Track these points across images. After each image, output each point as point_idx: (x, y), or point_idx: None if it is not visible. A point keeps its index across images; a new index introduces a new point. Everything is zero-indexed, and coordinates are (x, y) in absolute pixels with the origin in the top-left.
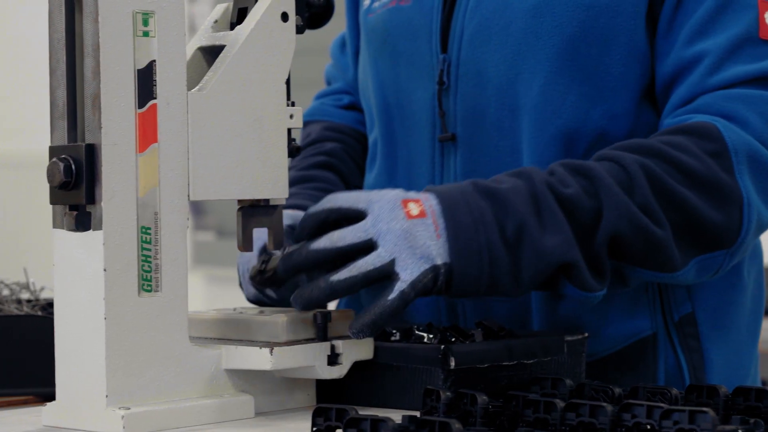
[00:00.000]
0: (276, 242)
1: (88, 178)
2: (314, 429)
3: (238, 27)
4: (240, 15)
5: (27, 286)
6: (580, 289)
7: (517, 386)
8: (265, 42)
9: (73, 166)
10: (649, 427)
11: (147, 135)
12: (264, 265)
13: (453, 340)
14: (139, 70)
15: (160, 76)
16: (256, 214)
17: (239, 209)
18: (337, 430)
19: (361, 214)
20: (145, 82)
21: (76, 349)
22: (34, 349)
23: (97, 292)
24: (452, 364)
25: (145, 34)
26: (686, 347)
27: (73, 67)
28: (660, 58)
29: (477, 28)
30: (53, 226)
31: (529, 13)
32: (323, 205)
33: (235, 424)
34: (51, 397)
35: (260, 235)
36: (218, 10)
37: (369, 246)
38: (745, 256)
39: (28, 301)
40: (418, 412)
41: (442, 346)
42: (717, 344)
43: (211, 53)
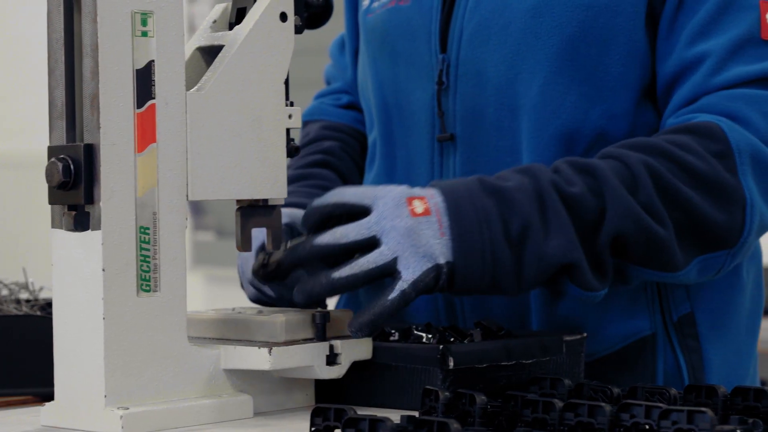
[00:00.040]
0: (275, 242)
1: (87, 178)
2: (313, 429)
3: (237, 27)
4: (239, 15)
5: (26, 286)
6: (582, 288)
7: (516, 386)
8: (264, 42)
9: (72, 166)
10: (647, 427)
11: (145, 135)
12: (266, 259)
13: (452, 340)
14: (137, 70)
15: (158, 76)
16: (255, 214)
17: (238, 209)
18: (336, 430)
19: (365, 210)
20: (144, 82)
21: (75, 349)
22: (33, 349)
23: (96, 292)
24: (451, 364)
25: (144, 34)
26: (685, 347)
27: (71, 67)
28: (661, 59)
29: (476, 28)
30: (52, 226)
31: (528, 13)
32: (328, 199)
33: (234, 424)
34: (50, 397)
35: (258, 235)
36: (217, 10)
37: (372, 243)
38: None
39: (27, 301)
40: (416, 412)
41: (441, 346)
42: (716, 344)
43: (210, 53)
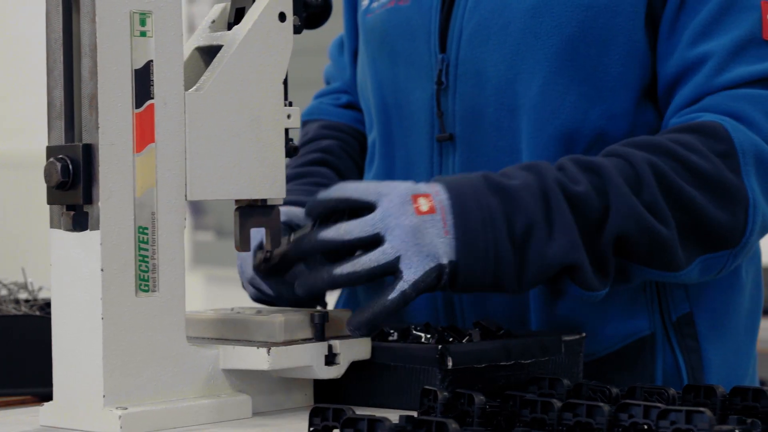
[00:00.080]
0: (274, 242)
1: (86, 178)
2: (311, 429)
3: (236, 27)
4: (237, 15)
5: (25, 286)
6: (583, 288)
7: (515, 386)
8: (263, 42)
9: (71, 166)
10: (646, 427)
11: (144, 135)
12: (269, 253)
13: (450, 340)
14: (136, 70)
15: (157, 76)
16: (254, 214)
17: (236, 209)
18: (334, 430)
19: (370, 206)
20: (143, 82)
21: (74, 349)
22: (32, 349)
23: (95, 292)
24: (449, 364)
25: (143, 34)
26: (684, 347)
27: (70, 67)
28: (663, 59)
29: (476, 28)
30: (50, 226)
31: (527, 13)
32: (333, 194)
33: (233, 424)
34: (49, 397)
35: (255, 234)
36: (216, 10)
37: (376, 240)
38: None
39: (26, 301)
40: (415, 412)
41: (440, 346)
42: (715, 344)
43: (209, 53)
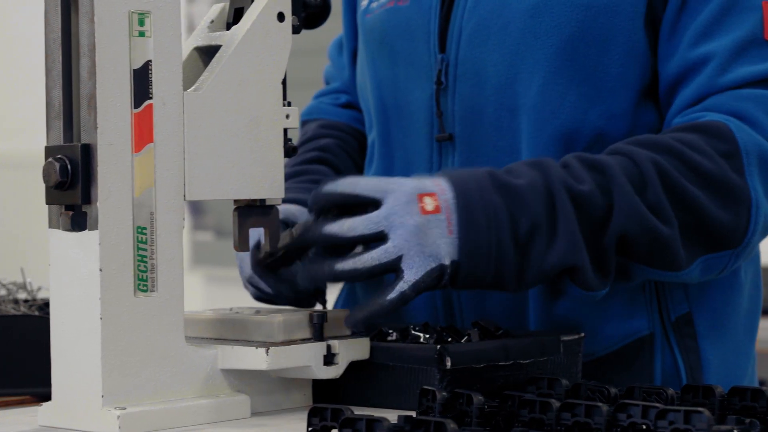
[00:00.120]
0: (272, 242)
1: (84, 178)
2: (310, 429)
3: (235, 27)
4: (236, 15)
5: (24, 286)
6: (583, 288)
7: (513, 386)
8: (262, 42)
9: (69, 166)
10: (644, 427)
11: (143, 135)
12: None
13: (449, 340)
14: (135, 70)
15: (156, 76)
16: (252, 214)
17: (235, 209)
18: (333, 430)
19: (375, 203)
20: (141, 82)
21: (72, 349)
22: (31, 349)
23: (93, 292)
24: (448, 364)
25: (141, 34)
26: (683, 347)
27: (68, 67)
28: (664, 60)
29: (475, 27)
30: (49, 226)
31: (527, 13)
32: (338, 188)
33: (231, 424)
34: (48, 397)
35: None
36: (214, 10)
37: (379, 237)
38: None
39: (25, 301)
40: (414, 412)
41: (438, 346)
42: (714, 344)
43: (208, 53)
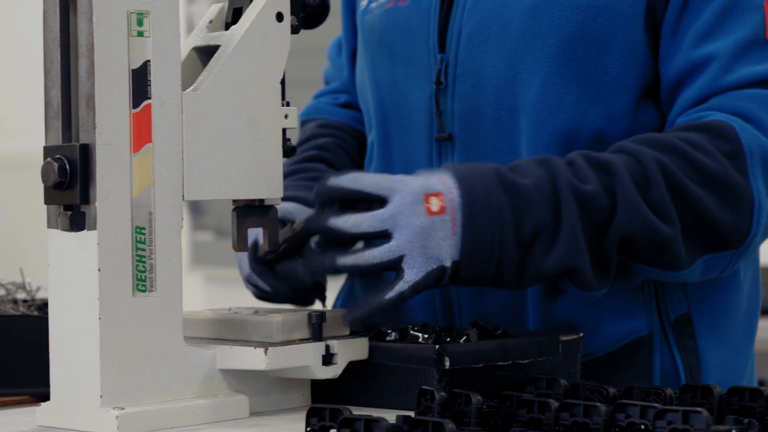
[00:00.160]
0: (271, 242)
1: (83, 178)
2: (308, 429)
3: (233, 27)
4: (235, 15)
5: (23, 286)
6: (582, 288)
7: (512, 386)
8: (260, 42)
9: (68, 166)
10: (642, 427)
11: (141, 135)
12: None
13: (448, 340)
14: (133, 70)
15: (154, 76)
16: (251, 214)
17: (234, 209)
18: (331, 430)
19: (381, 200)
20: (140, 82)
21: (71, 349)
22: (30, 349)
23: (92, 292)
24: (447, 364)
25: (140, 34)
26: (682, 347)
27: (67, 67)
28: (665, 60)
29: (475, 27)
30: (48, 226)
31: (527, 13)
32: (345, 183)
33: (230, 424)
34: (47, 397)
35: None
36: (213, 10)
37: (383, 235)
38: None
39: (24, 301)
40: (412, 412)
41: (437, 346)
42: (713, 344)
43: (206, 53)
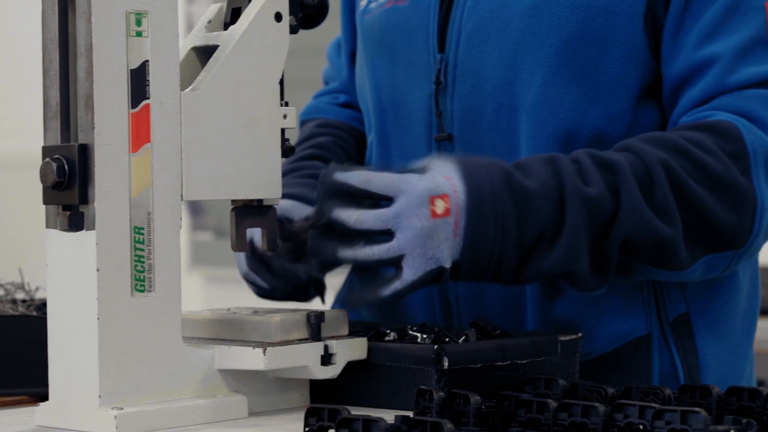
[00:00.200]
0: (270, 242)
1: (81, 178)
2: (307, 429)
3: (232, 27)
4: (233, 15)
5: (22, 286)
6: (579, 289)
7: (511, 386)
8: (259, 42)
9: (66, 166)
10: (641, 427)
11: (140, 135)
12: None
13: (446, 340)
14: (132, 71)
15: (153, 77)
16: (250, 214)
17: (232, 209)
18: (330, 431)
19: (387, 199)
20: (138, 83)
21: (70, 349)
22: (29, 349)
23: (90, 293)
24: (445, 364)
25: (138, 34)
26: (681, 347)
27: (66, 67)
28: (667, 60)
29: (474, 27)
30: (46, 226)
31: (526, 13)
32: (352, 180)
33: (229, 424)
34: (45, 397)
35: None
36: (212, 10)
37: (386, 233)
38: None
39: (23, 301)
40: (411, 413)
41: (436, 347)
42: (712, 344)
43: (205, 53)
